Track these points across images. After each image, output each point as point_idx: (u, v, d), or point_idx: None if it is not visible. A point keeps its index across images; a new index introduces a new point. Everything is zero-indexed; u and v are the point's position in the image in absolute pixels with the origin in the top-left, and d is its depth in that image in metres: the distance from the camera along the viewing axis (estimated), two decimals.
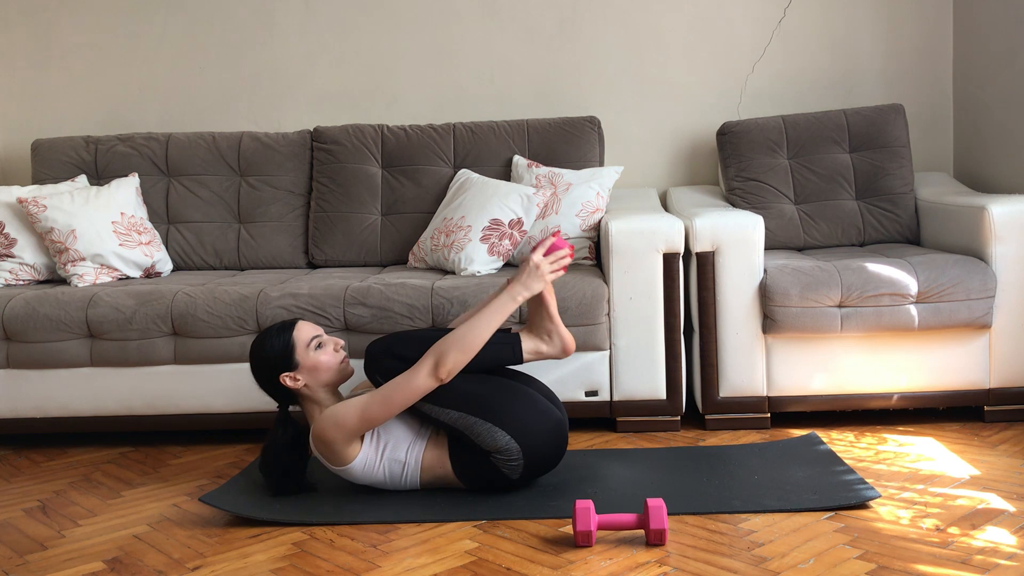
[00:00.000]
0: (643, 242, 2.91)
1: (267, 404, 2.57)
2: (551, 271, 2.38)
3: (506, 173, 3.52)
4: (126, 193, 3.46)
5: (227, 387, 2.95)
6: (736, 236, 2.92)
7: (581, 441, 2.89)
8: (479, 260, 3.15)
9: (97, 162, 3.64)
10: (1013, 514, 2.18)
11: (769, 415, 2.96)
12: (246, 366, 2.66)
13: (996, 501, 2.27)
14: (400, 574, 1.99)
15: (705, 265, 2.94)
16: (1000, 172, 3.49)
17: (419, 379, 2.26)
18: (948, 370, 2.92)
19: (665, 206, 3.65)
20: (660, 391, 2.94)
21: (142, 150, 3.65)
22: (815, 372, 2.93)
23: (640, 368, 2.93)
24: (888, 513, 2.22)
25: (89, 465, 2.88)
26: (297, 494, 2.45)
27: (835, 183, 3.45)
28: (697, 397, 3.04)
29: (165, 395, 2.97)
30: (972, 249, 2.99)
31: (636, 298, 2.91)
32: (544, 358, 2.49)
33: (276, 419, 2.45)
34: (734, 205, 3.43)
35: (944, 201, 3.25)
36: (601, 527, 2.11)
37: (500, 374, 2.45)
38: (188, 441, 3.08)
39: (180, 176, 3.64)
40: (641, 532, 2.15)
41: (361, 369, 2.62)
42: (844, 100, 3.80)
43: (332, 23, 3.91)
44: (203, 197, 3.62)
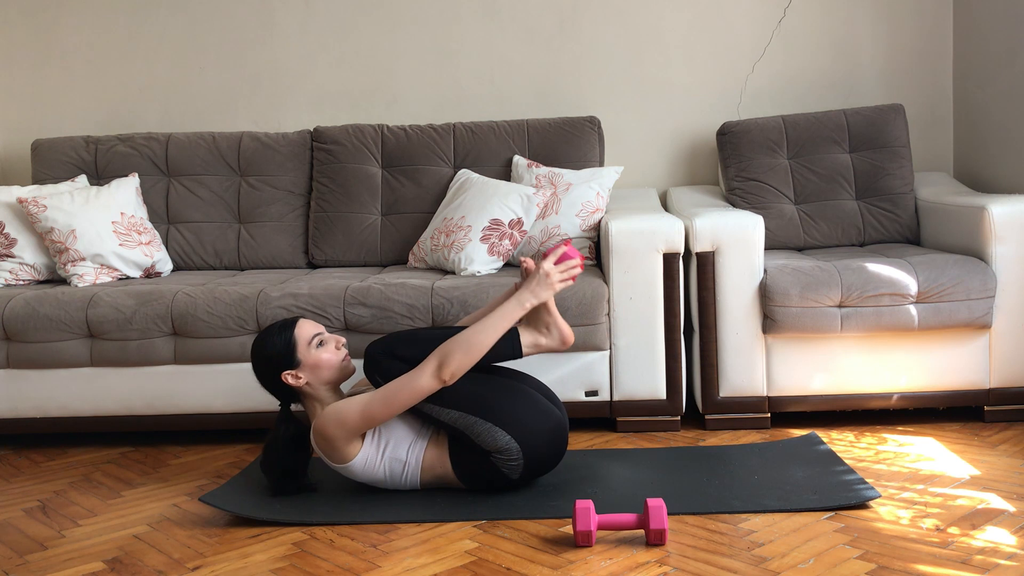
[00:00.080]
0: (643, 242, 2.90)
1: (267, 404, 2.58)
2: (560, 280, 2.37)
3: (506, 173, 3.52)
4: (126, 193, 3.46)
5: (227, 387, 2.95)
6: (736, 236, 2.92)
7: (581, 441, 2.89)
8: (479, 260, 3.15)
9: (97, 162, 3.64)
10: (1013, 514, 2.18)
11: (769, 415, 2.96)
12: (246, 366, 2.66)
13: (996, 501, 2.27)
14: (400, 574, 1.99)
15: (705, 265, 2.94)
16: (1000, 172, 3.49)
17: (422, 380, 2.26)
18: (948, 370, 2.92)
19: (665, 206, 3.65)
20: (660, 391, 2.94)
21: (142, 150, 3.65)
22: (815, 372, 2.93)
23: (640, 368, 2.93)
24: (888, 513, 2.22)
25: (89, 465, 2.88)
26: (298, 494, 2.45)
27: (835, 183, 3.45)
28: (697, 397, 3.04)
29: (165, 395, 2.97)
30: (972, 249, 2.99)
31: (636, 298, 2.91)
32: (543, 351, 2.48)
33: (278, 417, 2.45)
34: (734, 205, 3.43)
35: (944, 201, 3.25)
36: (601, 527, 2.11)
37: (501, 374, 2.45)
38: (188, 441, 3.08)
39: (180, 176, 3.64)
40: (641, 532, 2.15)
41: (361, 368, 2.62)
42: (844, 100, 3.80)
43: (332, 23, 3.91)
44: (203, 197, 3.62)
